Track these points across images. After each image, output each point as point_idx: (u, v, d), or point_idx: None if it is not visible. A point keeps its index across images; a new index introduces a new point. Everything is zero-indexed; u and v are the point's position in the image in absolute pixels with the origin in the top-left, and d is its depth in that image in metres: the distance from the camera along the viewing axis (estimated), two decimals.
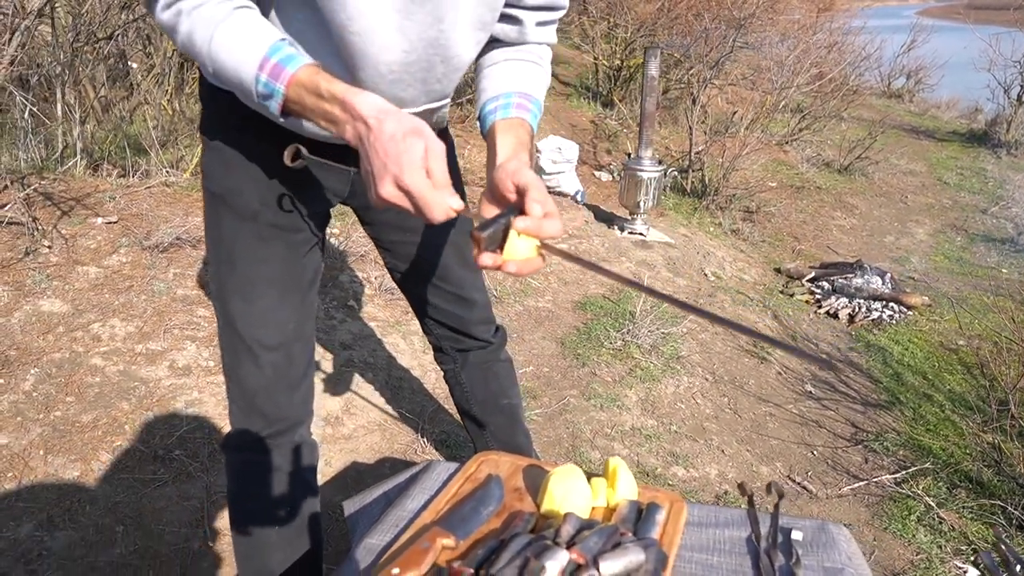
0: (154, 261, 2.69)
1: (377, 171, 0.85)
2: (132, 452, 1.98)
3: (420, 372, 2.70)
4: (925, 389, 3.32)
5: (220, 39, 0.91)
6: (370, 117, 0.86)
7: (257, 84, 0.91)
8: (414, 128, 0.86)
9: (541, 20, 1.16)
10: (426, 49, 1.04)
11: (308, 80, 0.89)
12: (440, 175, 0.87)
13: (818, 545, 1.14)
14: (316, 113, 0.90)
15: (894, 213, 6.25)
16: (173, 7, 0.91)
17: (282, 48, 0.90)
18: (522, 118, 1.08)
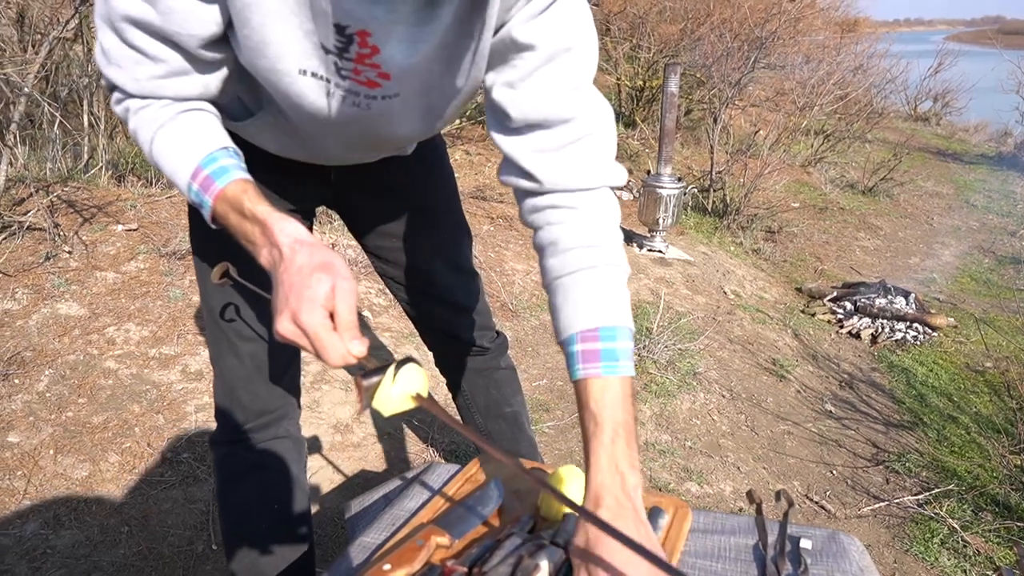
0: (171, 268, 2.71)
1: (279, 304, 0.80)
2: (140, 454, 1.98)
3: (433, 382, 2.68)
4: (950, 411, 3.24)
5: (160, 143, 0.89)
6: (284, 245, 0.82)
7: (189, 192, 0.89)
8: (324, 263, 0.80)
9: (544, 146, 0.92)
10: (364, 141, 1.04)
11: (233, 198, 0.86)
12: (345, 317, 0.79)
13: (828, 555, 1.10)
14: (238, 231, 0.87)
15: (919, 235, 6.16)
16: (123, 104, 0.91)
17: (217, 160, 0.88)
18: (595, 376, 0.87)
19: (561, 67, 0.90)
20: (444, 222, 1.43)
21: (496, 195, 4.91)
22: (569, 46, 0.90)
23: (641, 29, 7.90)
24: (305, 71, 0.87)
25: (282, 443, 1.28)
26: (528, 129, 0.92)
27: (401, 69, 0.87)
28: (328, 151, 1.09)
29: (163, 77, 0.87)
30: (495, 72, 0.92)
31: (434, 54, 0.88)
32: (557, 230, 0.95)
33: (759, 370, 3.34)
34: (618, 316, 0.90)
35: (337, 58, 0.85)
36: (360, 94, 0.91)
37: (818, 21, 7.83)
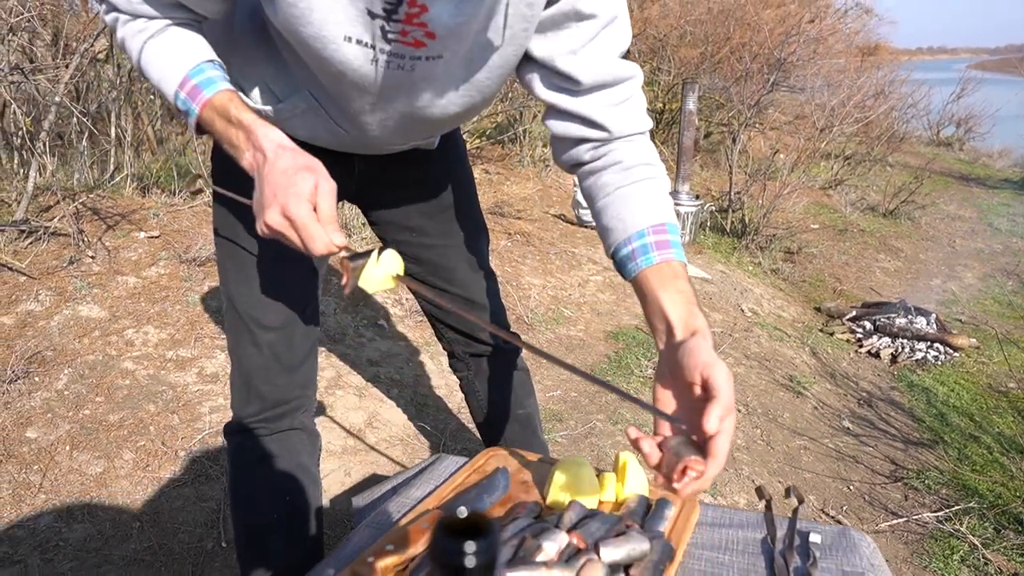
0: (190, 274, 2.75)
1: (267, 200, 0.88)
2: (154, 452, 2.00)
3: (446, 391, 2.69)
4: (972, 430, 3.18)
5: (148, 52, 0.96)
6: (268, 150, 0.90)
7: (176, 100, 0.95)
8: (307, 165, 0.89)
9: (612, 102, 1.03)
10: (402, 117, 1.07)
11: (220, 105, 0.93)
12: (327, 211, 0.88)
13: (838, 549, 1.08)
14: (223, 137, 0.94)
15: (941, 257, 6.09)
16: (112, 13, 0.97)
17: (204, 71, 0.95)
18: (665, 261, 0.96)
19: (615, 32, 1.01)
20: (464, 220, 1.45)
21: (514, 211, 4.94)
22: (617, 14, 1.01)
23: (661, 52, 7.96)
24: (350, 38, 0.90)
25: (297, 435, 1.28)
26: (598, 88, 1.02)
27: (447, 28, 0.90)
28: (364, 132, 1.10)
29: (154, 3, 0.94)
30: (550, 42, 0.99)
31: (481, 17, 0.91)
32: (620, 154, 1.05)
33: (776, 386, 3.30)
34: (673, 216, 1.04)
35: (385, 21, 0.89)
36: (405, 56, 0.93)
37: (838, 45, 7.84)
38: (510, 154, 6.37)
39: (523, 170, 6.03)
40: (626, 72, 1.04)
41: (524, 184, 5.69)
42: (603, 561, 0.91)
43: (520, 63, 1.05)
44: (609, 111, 1.04)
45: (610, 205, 1.03)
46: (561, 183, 6.13)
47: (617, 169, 1.05)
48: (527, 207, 5.11)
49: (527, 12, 0.95)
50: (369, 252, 0.93)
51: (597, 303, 3.89)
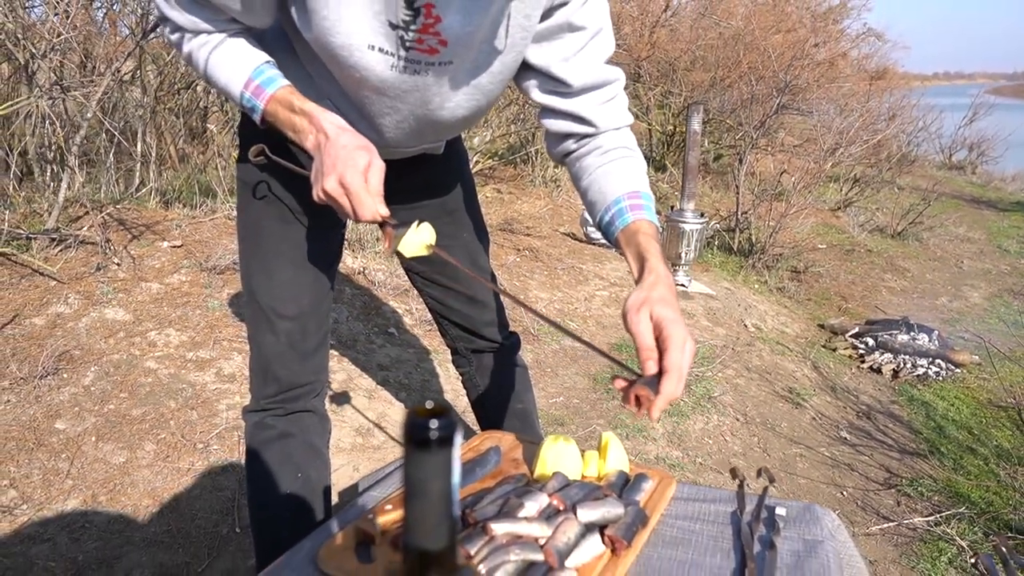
0: (211, 281, 2.89)
1: (326, 169, 1.02)
2: (174, 444, 2.12)
3: (452, 396, 2.79)
4: (969, 443, 3.23)
5: (213, 61, 1.11)
6: (330, 130, 1.04)
7: (242, 99, 1.10)
8: (364, 144, 1.04)
9: (600, 100, 1.19)
10: (416, 119, 1.20)
11: (283, 98, 1.08)
12: (376, 184, 1.03)
13: (802, 521, 1.17)
14: (287, 124, 1.09)
15: (948, 277, 6.14)
16: (176, 33, 1.12)
17: (265, 71, 1.10)
18: (637, 219, 1.12)
19: (601, 41, 1.18)
20: (467, 223, 1.57)
21: (524, 228, 5.06)
22: (603, 26, 1.18)
23: (672, 76, 8.11)
24: (373, 46, 1.04)
25: (308, 416, 1.40)
26: (587, 90, 1.18)
27: (457, 36, 1.05)
28: (381, 135, 1.22)
29: (213, 19, 1.08)
30: (545, 50, 1.16)
31: (486, 27, 1.06)
32: (600, 141, 1.22)
33: (775, 397, 3.38)
34: (647, 187, 1.19)
35: (404, 31, 1.03)
36: (421, 62, 1.08)
37: (847, 69, 7.96)
38: (522, 174, 6.52)
39: (534, 189, 6.16)
40: (611, 75, 1.20)
41: (535, 203, 5.82)
42: (579, 520, 1.00)
43: (518, 70, 1.20)
44: (596, 109, 1.21)
45: (593, 183, 1.21)
46: (572, 202, 6.26)
47: (597, 153, 1.22)
48: (537, 224, 5.23)
49: (525, 23, 1.10)
50: (409, 223, 1.09)
51: (602, 316, 3.99)
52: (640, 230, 1.12)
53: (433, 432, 0.46)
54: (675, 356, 0.96)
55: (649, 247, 1.09)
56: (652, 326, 0.99)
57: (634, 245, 1.11)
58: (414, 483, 0.47)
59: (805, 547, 1.10)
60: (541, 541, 0.96)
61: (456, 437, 0.47)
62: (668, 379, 0.96)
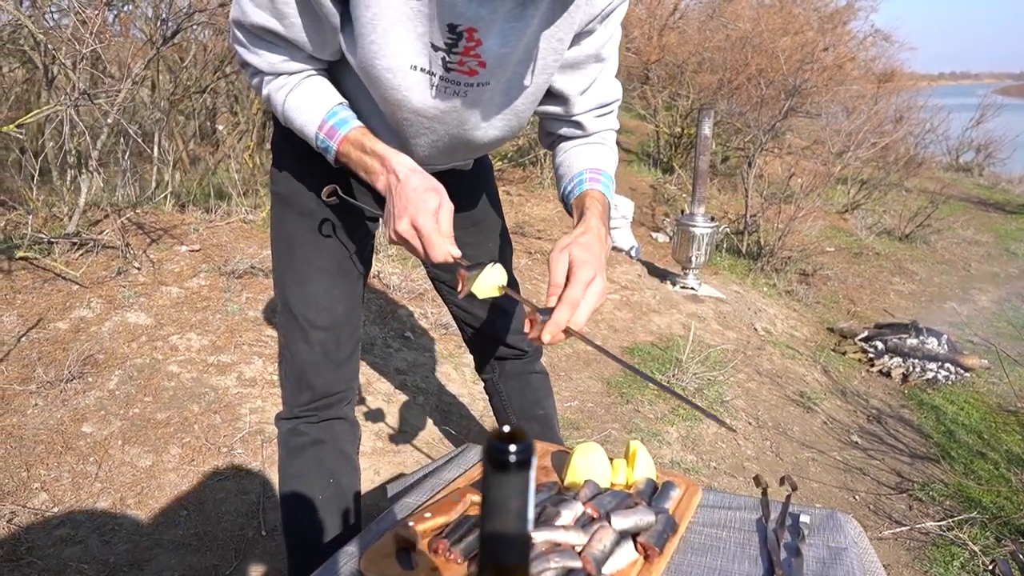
0: (230, 285, 2.92)
1: (398, 211, 1.06)
2: (199, 448, 2.15)
3: (468, 400, 2.83)
4: (979, 447, 3.26)
5: (291, 103, 1.16)
6: (400, 172, 1.08)
7: (317, 140, 1.15)
8: (434, 186, 1.07)
9: (599, 114, 1.30)
10: (451, 140, 1.25)
11: (355, 139, 1.13)
12: (446, 226, 1.06)
13: (825, 529, 1.20)
14: (359, 164, 1.14)
15: (956, 280, 6.16)
16: (257, 77, 1.18)
17: (338, 113, 1.15)
18: (592, 188, 1.22)
19: (613, 67, 1.28)
20: (493, 232, 1.61)
21: (535, 231, 5.09)
22: (616, 52, 1.27)
23: (680, 78, 8.13)
24: (415, 67, 1.08)
25: (340, 424, 1.43)
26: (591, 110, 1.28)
27: (496, 58, 1.09)
28: (414, 154, 1.26)
29: (288, 61, 1.14)
30: (567, 79, 1.23)
31: (520, 49, 1.10)
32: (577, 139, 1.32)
33: (787, 401, 3.41)
34: (612, 170, 1.28)
35: (445, 53, 1.07)
36: (460, 83, 1.12)
37: (855, 72, 7.97)
38: (531, 176, 6.54)
39: (543, 191, 6.19)
40: (613, 96, 1.30)
41: (545, 205, 5.85)
42: (613, 528, 1.04)
43: None
44: (594, 120, 1.32)
45: (564, 160, 1.31)
46: None
47: (579, 138, 1.33)
48: (547, 227, 5.26)
49: (558, 46, 1.15)
50: (482, 264, 1.11)
51: (614, 320, 4.01)
52: (589, 194, 1.21)
53: (512, 456, 0.49)
54: (572, 290, 1.03)
55: (592, 207, 1.17)
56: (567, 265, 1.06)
57: (580, 207, 1.20)
58: (492, 503, 0.50)
59: (830, 554, 1.13)
60: (578, 549, 0.99)
61: (533, 460, 0.50)
62: (560, 308, 1.02)
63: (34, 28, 3.05)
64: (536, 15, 1.07)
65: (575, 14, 1.12)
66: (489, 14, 1.03)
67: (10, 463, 1.97)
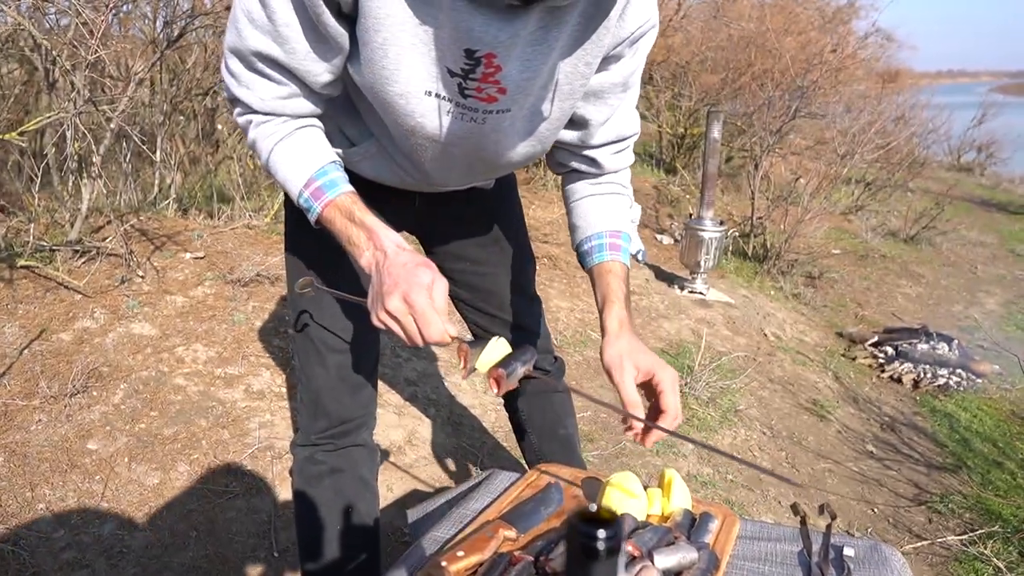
0: (235, 294, 2.87)
1: (387, 288, 0.97)
2: (207, 465, 2.10)
3: (480, 411, 2.77)
4: (995, 456, 3.21)
5: (277, 155, 1.07)
6: (389, 248, 1.00)
7: (300, 198, 1.07)
8: (425, 262, 1.00)
9: (615, 151, 1.26)
10: (468, 164, 1.19)
11: (343, 206, 1.04)
12: (442, 303, 0.99)
13: (870, 563, 1.16)
14: (342, 233, 1.05)
15: (963, 283, 6.12)
16: (245, 116, 1.08)
17: (327, 172, 1.06)
18: (613, 258, 1.23)
19: (636, 97, 1.23)
20: (514, 249, 1.55)
21: (540, 235, 5.04)
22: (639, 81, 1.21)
23: (683, 78, 8.07)
24: (430, 92, 1.02)
25: (358, 451, 1.38)
26: (608, 144, 1.25)
27: (516, 84, 1.03)
28: (428, 176, 1.22)
29: (285, 98, 1.04)
30: (591, 107, 1.17)
31: (544, 74, 1.04)
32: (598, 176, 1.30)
33: (799, 410, 3.36)
34: (629, 227, 1.29)
35: (462, 79, 1.01)
36: (479, 110, 1.06)
37: (859, 71, 7.94)
38: (534, 178, 6.49)
39: (547, 193, 6.13)
40: (632, 130, 1.26)
41: (549, 208, 5.79)
42: (657, 568, 0.99)
43: None
44: (610, 158, 1.28)
45: (579, 208, 1.30)
46: None
47: (591, 180, 1.30)
48: (553, 231, 5.21)
49: (585, 71, 1.09)
50: (483, 340, 1.06)
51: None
52: (612, 271, 1.22)
53: (602, 543, 0.44)
54: (671, 399, 1.12)
55: (617, 290, 1.20)
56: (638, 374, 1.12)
57: (603, 285, 1.21)
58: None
59: None
60: None
61: (623, 544, 0.45)
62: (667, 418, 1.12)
63: (34, 30, 2.99)
64: (560, 38, 1.01)
65: (603, 38, 1.06)
66: (509, 38, 0.97)
67: (14, 482, 1.92)
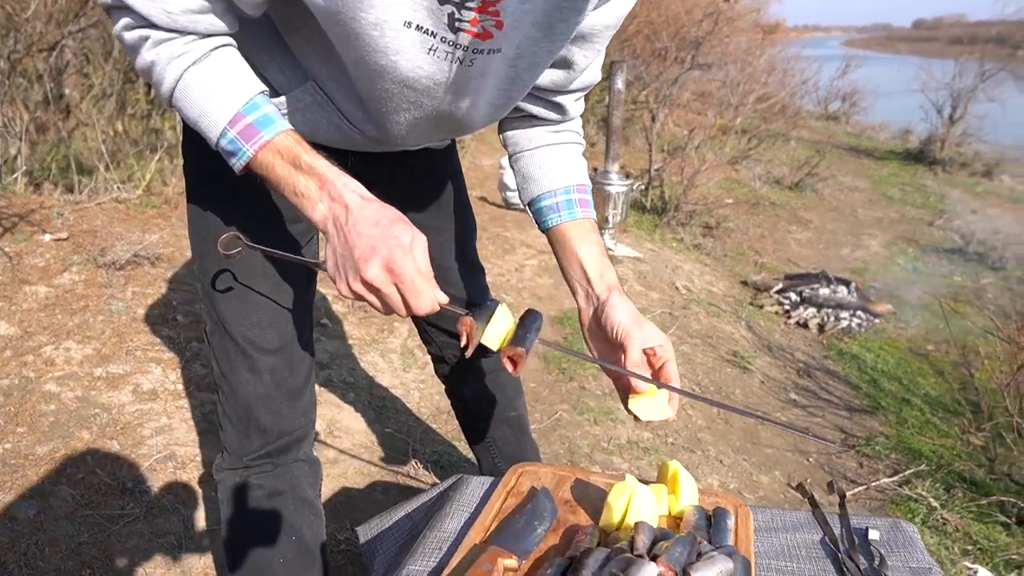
0: (110, 280, 2.49)
1: (361, 254, 0.79)
2: (96, 486, 1.78)
3: (403, 391, 2.55)
4: (903, 394, 3.33)
5: (191, 81, 0.81)
6: (351, 201, 0.81)
7: (222, 138, 0.83)
8: (398, 216, 0.83)
9: (579, 97, 1.14)
10: (437, 118, 0.98)
11: (285, 148, 0.82)
12: (426, 266, 0.82)
13: (897, 545, 1.06)
14: (285, 183, 0.83)
15: (847, 227, 6.39)
16: (138, 31, 0.80)
17: (259, 106, 0.82)
18: (586, 216, 1.11)
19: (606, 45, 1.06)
20: (457, 214, 1.35)
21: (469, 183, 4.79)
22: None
23: None
24: (411, 23, 0.79)
25: (300, 467, 1.15)
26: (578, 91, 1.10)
27: (515, 17, 0.82)
28: (386, 131, 0.99)
29: (197, 12, 0.78)
30: (579, 48, 1.00)
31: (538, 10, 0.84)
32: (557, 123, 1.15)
33: (722, 363, 3.35)
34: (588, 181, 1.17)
35: (456, 8, 0.79)
36: (469, 48, 0.84)
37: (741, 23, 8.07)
38: None
39: None
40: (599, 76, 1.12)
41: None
42: None
43: None
44: (574, 104, 1.14)
45: (539, 160, 1.14)
46: (478, 164, 6.03)
47: (549, 128, 1.15)
48: None
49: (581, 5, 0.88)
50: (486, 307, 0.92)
51: (536, 288, 3.82)
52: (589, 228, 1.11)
53: None
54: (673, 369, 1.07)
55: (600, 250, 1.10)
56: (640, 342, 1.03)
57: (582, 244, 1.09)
58: None
59: None
60: None
61: None
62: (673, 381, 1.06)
63: None
64: None
65: None
66: None
67: None
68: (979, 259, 5.63)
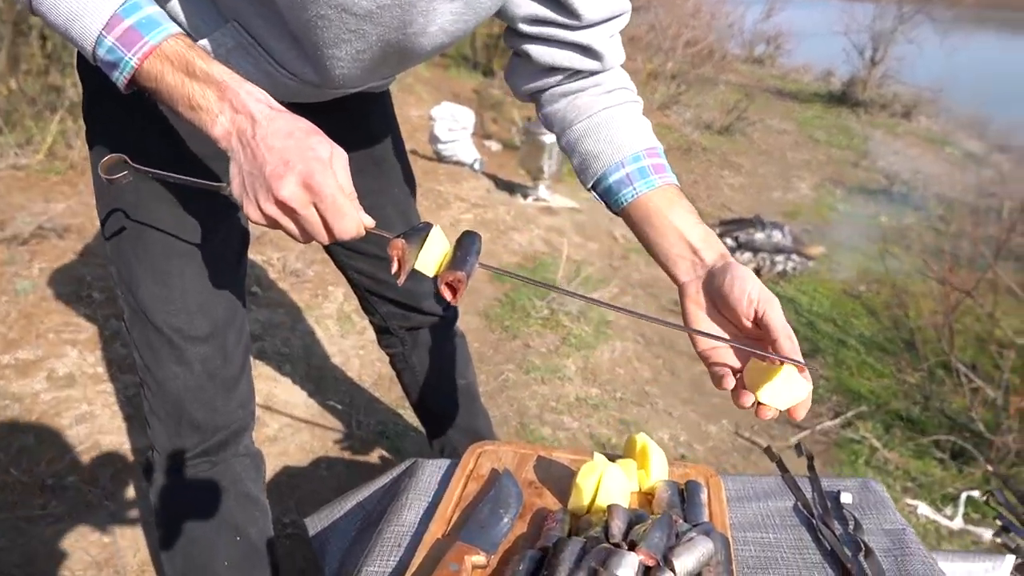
0: (13, 256, 2.28)
1: (272, 170, 0.69)
2: (12, 485, 1.64)
3: (341, 359, 2.45)
4: (839, 335, 3.41)
5: None
6: (257, 111, 0.71)
7: (99, 47, 0.70)
8: (313, 128, 0.73)
9: (610, 33, 0.97)
10: (383, 49, 0.86)
11: (176, 55, 0.71)
12: (348, 184, 0.73)
13: (868, 506, 1.04)
14: (178, 94, 0.71)
15: (777, 170, 6.48)
16: None
17: (140, 7, 0.69)
18: (670, 183, 0.96)
19: None
20: (398, 174, 1.26)
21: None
22: None
23: None
24: None
25: (240, 462, 1.05)
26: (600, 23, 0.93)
27: None
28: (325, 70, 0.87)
29: None
30: None
31: None
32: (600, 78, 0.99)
33: (664, 312, 3.35)
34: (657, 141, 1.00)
35: None
36: None
37: None
38: None
39: None
40: (626, 5, 0.96)
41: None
42: None
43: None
44: (607, 43, 0.97)
45: (594, 129, 0.98)
46: (407, 115, 5.81)
47: (598, 91, 0.99)
48: None
49: None
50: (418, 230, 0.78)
51: None
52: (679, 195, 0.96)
53: None
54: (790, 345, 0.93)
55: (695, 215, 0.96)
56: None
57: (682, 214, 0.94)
58: None
59: (893, 543, 0.97)
60: None
61: None
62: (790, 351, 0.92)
63: None
64: None
65: None
66: None
67: None
68: (903, 199, 5.80)
